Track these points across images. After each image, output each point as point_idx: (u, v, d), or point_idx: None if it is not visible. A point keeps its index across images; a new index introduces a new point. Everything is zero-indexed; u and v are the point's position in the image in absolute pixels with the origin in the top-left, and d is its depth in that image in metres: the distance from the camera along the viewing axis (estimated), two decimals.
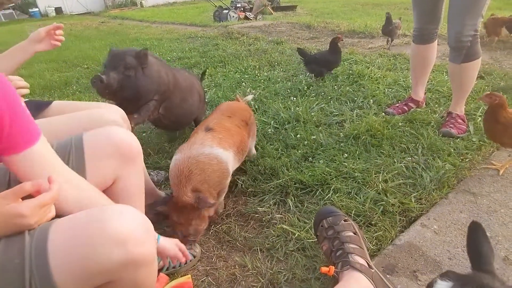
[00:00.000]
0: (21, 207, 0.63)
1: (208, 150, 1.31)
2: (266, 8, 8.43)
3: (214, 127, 1.41)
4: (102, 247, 0.63)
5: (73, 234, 0.65)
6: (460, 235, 1.23)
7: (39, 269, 0.61)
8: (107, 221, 0.65)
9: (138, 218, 0.70)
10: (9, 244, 0.64)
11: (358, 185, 1.50)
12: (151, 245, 0.70)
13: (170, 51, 4.59)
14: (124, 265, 0.65)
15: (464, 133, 1.83)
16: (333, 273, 0.95)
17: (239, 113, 1.61)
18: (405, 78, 2.69)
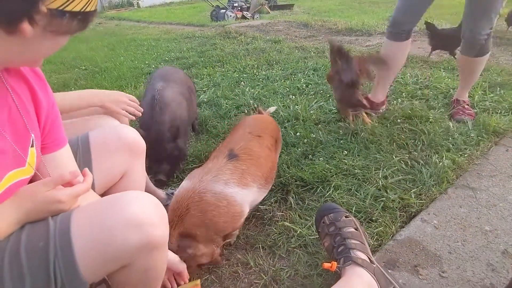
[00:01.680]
0: (60, 194, 0.69)
1: (219, 187, 1.12)
2: (263, 7, 8.43)
3: (240, 154, 1.22)
4: (121, 230, 0.66)
5: (94, 218, 0.68)
6: (459, 230, 1.24)
7: (63, 251, 0.64)
8: (125, 205, 0.69)
9: (153, 202, 0.73)
10: (34, 229, 0.67)
11: (358, 181, 1.51)
12: (165, 228, 0.73)
13: (168, 52, 4.59)
14: (140, 248, 0.68)
15: (473, 118, 1.93)
16: (335, 269, 0.96)
17: (269, 130, 1.44)
18: (403, 75, 2.70)
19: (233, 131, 1.46)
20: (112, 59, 4.50)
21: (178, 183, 1.71)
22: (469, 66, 1.93)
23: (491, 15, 1.71)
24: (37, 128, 0.75)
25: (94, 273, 0.67)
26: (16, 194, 0.68)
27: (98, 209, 0.70)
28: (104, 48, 5.41)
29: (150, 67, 3.89)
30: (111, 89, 3.27)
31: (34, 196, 0.68)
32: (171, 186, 1.69)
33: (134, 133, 1.06)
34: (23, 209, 0.67)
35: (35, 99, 0.75)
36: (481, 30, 1.75)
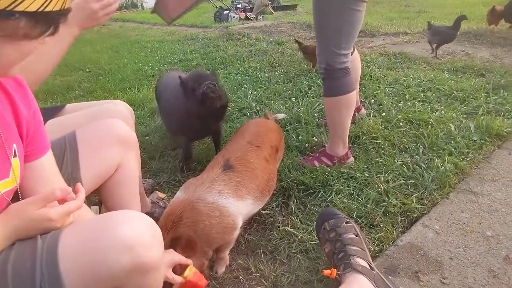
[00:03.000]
0: (51, 213, 0.67)
1: (213, 198, 1.11)
2: (266, 8, 8.43)
3: (235, 165, 1.21)
4: (111, 252, 0.64)
5: (83, 239, 0.67)
6: (461, 235, 1.24)
7: (49, 272, 0.63)
8: (116, 226, 0.67)
9: (146, 222, 0.71)
10: (23, 248, 0.66)
11: (359, 186, 1.51)
12: (158, 250, 0.71)
13: (172, 53, 4.62)
14: (132, 270, 0.66)
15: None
16: (335, 276, 0.97)
17: (269, 139, 1.41)
18: (406, 77, 2.69)
19: (233, 138, 1.45)
20: (116, 61, 4.53)
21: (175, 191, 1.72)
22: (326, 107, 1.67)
23: (327, 46, 1.48)
24: (18, 138, 0.73)
25: None
26: (6, 211, 0.68)
27: (88, 230, 0.69)
28: (108, 50, 5.45)
29: (154, 69, 3.92)
30: (115, 92, 3.32)
31: (23, 213, 0.66)
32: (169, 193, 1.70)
33: (125, 127, 1.09)
34: (11, 226, 0.66)
35: (15, 110, 0.73)
36: (318, 62, 1.58)
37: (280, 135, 1.55)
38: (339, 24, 1.43)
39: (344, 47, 1.48)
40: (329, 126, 1.69)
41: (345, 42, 1.47)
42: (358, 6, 1.42)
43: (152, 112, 2.64)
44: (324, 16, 1.47)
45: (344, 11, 1.41)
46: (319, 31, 1.52)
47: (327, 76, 1.55)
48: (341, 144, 1.65)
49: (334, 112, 1.61)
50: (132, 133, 1.11)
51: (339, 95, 1.55)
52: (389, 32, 4.52)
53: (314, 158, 1.72)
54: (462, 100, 2.25)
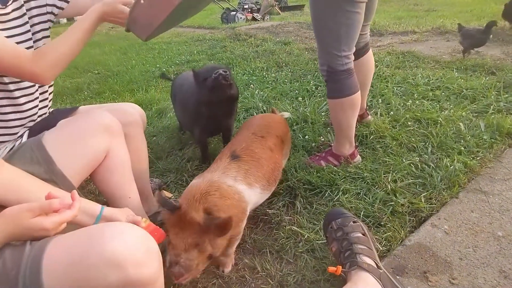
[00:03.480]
0: (46, 223, 0.67)
1: (231, 181, 1.14)
2: (273, 8, 8.43)
3: (241, 155, 1.24)
4: (98, 269, 0.61)
5: (70, 251, 0.65)
6: (471, 235, 1.22)
7: (32, 284, 0.62)
8: (105, 242, 0.63)
9: (138, 237, 0.68)
10: (11, 254, 0.66)
11: (367, 185, 1.50)
12: (153, 266, 0.68)
13: (179, 55, 4.65)
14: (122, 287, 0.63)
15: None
16: (340, 273, 0.96)
17: (274, 129, 1.44)
18: (414, 76, 2.66)
19: (238, 132, 1.47)
20: (124, 63, 4.58)
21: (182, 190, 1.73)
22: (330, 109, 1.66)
23: (327, 49, 1.48)
24: None
25: None
26: (0, 214, 0.67)
27: (75, 243, 0.66)
28: (117, 52, 5.51)
29: (161, 70, 3.95)
30: (123, 93, 3.35)
31: (18, 220, 0.66)
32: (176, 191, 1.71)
33: (108, 115, 1.12)
34: (5, 232, 0.66)
35: None
36: (319, 64, 1.58)
37: (286, 127, 1.56)
38: (336, 27, 1.41)
39: (344, 49, 1.45)
40: (334, 127, 1.68)
41: (345, 44, 1.45)
42: (355, 8, 1.39)
43: (160, 112, 2.66)
44: (321, 20, 1.45)
45: (341, 14, 1.38)
46: (318, 34, 1.50)
47: (329, 78, 1.53)
48: (347, 144, 1.64)
49: (339, 113, 1.58)
50: (116, 122, 1.14)
51: (343, 97, 1.52)
52: (397, 31, 4.47)
53: (320, 158, 1.71)
54: (472, 99, 2.21)
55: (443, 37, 3.98)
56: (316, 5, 1.45)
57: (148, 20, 1.07)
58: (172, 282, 1.17)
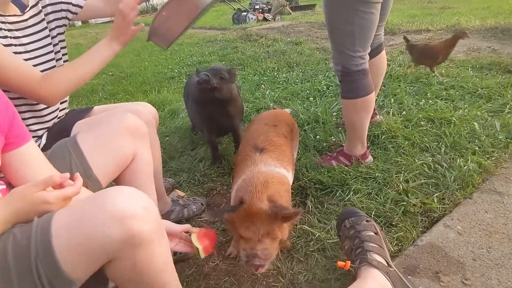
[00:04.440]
0: (48, 195, 0.71)
1: (277, 169, 1.17)
2: (284, 8, 8.42)
3: (265, 146, 1.26)
4: (102, 224, 0.65)
5: (75, 213, 0.69)
6: (485, 236, 1.20)
7: (43, 247, 0.65)
8: (108, 199, 0.68)
9: (139, 195, 0.71)
10: (21, 229, 0.70)
11: (378, 185, 1.49)
12: (151, 223, 0.70)
13: (190, 56, 4.70)
14: (123, 242, 0.66)
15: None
16: (348, 268, 0.97)
17: (283, 118, 1.50)
18: (427, 75, 2.63)
19: (249, 127, 1.50)
20: (137, 65, 4.67)
21: (194, 189, 1.76)
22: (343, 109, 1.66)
23: (340, 49, 1.46)
24: None
25: (78, 269, 0.66)
26: (9, 194, 0.71)
27: (80, 205, 0.70)
28: (130, 54, 5.61)
29: (173, 71, 4.00)
30: (137, 94, 3.41)
31: (24, 196, 0.70)
32: (189, 191, 1.74)
33: (136, 119, 1.14)
34: (12, 208, 0.69)
35: None
36: (333, 64, 1.56)
37: (292, 119, 1.60)
38: (350, 28, 1.39)
39: (359, 50, 1.44)
40: (346, 127, 1.67)
41: (359, 45, 1.43)
42: (369, 8, 1.37)
43: (172, 113, 2.70)
44: (335, 21, 1.44)
45: (355, 15, 1.36)
46: (331, 35, 1.49)
47: (343, 79, 1.52)
48: (359, 144, 1.63)
49: (352, 114, 1.57)
50: (142, 124, 1.16)
51: (357, 98, 1.51)
52: (410, 29, 4.41)
53: (332, 158, 1.71)
54: (487, 98, 2.17)
55: None
56: (329, 6, 1.44)
57: (168, 30, 1.12)
58: (186, 273, 1.21)
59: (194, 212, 1.52)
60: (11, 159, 0.82)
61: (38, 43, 1.20)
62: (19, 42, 1.14)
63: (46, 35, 1.22)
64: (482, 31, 3.89)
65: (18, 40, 1.14)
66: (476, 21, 4.27)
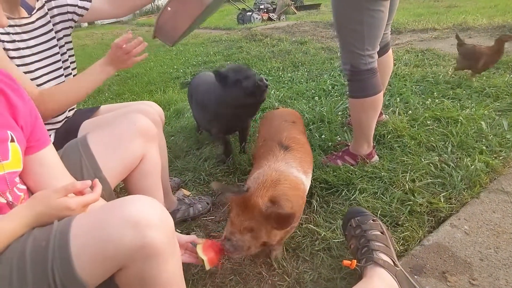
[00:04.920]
0: (70, 202, 0.73)
1: (296, 173, 1.14)
2: (289, 8, 8.41)
3: (290, 144, 1.24)
4: (117, 229, 0.66)
5: (93, 218, 0.71)
6: (492, 236, 1.19)
7: (60, 249, 0.66)
8: (126, 206, 0.69)
9: (156, 206, 0.72)
10: (41, 231, 0.71)
11: (384, 185, 1.49)
12: (165, 234, 0.70)
13: (196, 56, 4.72)
14: (136, 250, 0.66)
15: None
16: (354, 267, 0.96)
17: (298, 116, 1.50)
18: (433, 74, 2.61)
19: (265, 125, 1.47)
20: (142, 65, 4.69)
21: (200, 189, 1.76)
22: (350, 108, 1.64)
23: (349, 48, 1.44)
24: (16, 127, 0.79)
25: (90, 273, 0.67)
26: (31, 198, 0.73)
27: (99, 211, 0.72)
28: None
29: (178, 71, 4.02)
30: (142, 94, 3.43)
31: (46, 201, 0.72)
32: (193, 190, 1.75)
33: (146, 120, 1.15)
34: (34, 212, 0.71)
35: (8, 101, 0.79)
36: (342, 63, 1.54)
37: (300, 115, 1.61)
38: (359, 27, 1.37)
39: (368, 48, 1.42)
40: (353, 126, 1.66)
41: (368, 44, 1.41)
42: (378, 6, 1.35)
43: (177, 113, 2.71)
44: (343, 19, 1.43)
45: (363, 13, 1.35)
46: (340, 33, 1.48)
47: (352, 78, 1.51)
48: (365, 144, 1.63)
49: (360, 113, 1.56)
50: (153, 126, 1.16)
51: (365, 97, 1.50)
52: (416, 28, 4.38)
53: (337, 157, 1.70)
54: (495, 97, 2.15)
55: (464, 33, 3.88)
56: (338, 5, 1.43)
57: (174, 28, 1.12)
58: (192, 271, 1.21)
59: (200, 211, 1.52)
60: (30, 162, 0.84)
61: (44, 45, 1.21)
62: (26, 45, 1.16)
63: (52, 37, 1.24)
64: (489, 29, 3.85)
65: (25, 43, 1.16)
66: (483, 20, 4.23)
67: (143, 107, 1.37)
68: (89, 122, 1.27)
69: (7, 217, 0.70)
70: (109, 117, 1.26)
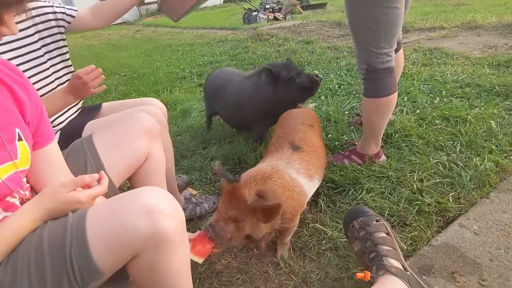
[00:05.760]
0: (80, 195, 0.74)
1: (294, 174, 1.14)
2: (295, 7, 8.39)
3: (301, 146, 1.24)
4: (131, 215, 0.68)
5: (109, 207, 0.72)
6: (502, 236, 1.17)
7: (78, 237, 0.68)
8: (140, 195, 0.72)
9: (168, 196, 0.74)
10: (56, 222, 0.73)
11: (391, 184, 1.47)
12: (177, 223, 0.72)
13: (202, 56, 4.73)
14: (149, 237, 0.68)
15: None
16: (369, 279, 0.95)
17: (318, 120, 1.49)
18: (441, 73, 2.58)
19: (282, 124, 1.47)
20: (149, 65, 4.72)
21: (206, 188, 1.77)
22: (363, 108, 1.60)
23: (365, 46, 1.40)
24: (23, 124, 0.79)
25: (106, 260, 0.68)
26: (39, 194, 0.74)
27: (114, 200, 0.73)
28: (142, 55, 5.68)
29: (185, 71, 4.04)
30: (149, 94, 3.45)
31: (56, 196, 0.73)
32: (199, 190, 1.75)
33: (151, 120, 1.16)
34: (45, 207, 0.73)
35: (15, 97, 0.79)
36: (358, 63, 1.51)
37: (319, 118, 1.61)
38: (374, 25, 1.33)
39: (384, 46, 1.38)
40: (364, 126, 1.62)
41: (385, 42, 1.37)
42: (392, 3, 1.30)
43: (184, 112, 2.72)
44: (357, 18, 1.38)
45: (379, 12, 1.31)
46: (355, 33, 1.44)
47: (368, 77, 1.47)
48: (373, 144, 1.61)
49: (374, 114, 1.52)
50: (157, 125, 1.18)
51: (381, 97, 1.46)
52: (424, 27, 4.34)
53: (344, 157, 1.69)
54: (505, 96, 2.12)
55: (473, 32, 3.83)
56: (351, 3, 1.39)
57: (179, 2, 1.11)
58: (199, 270, 1.22)
59: (207, 210, 1.53)
60: (35, 158, 0.85)
61: (29, 46, 1.24)
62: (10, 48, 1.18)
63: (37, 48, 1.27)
64: (499, 27, 3.80)
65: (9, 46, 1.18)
66: (492, 18, 4.17)
67: (148, 108, 1.38)
68: (94, 123, 1.28)
69: (17, 214, 0.71)
70: (114, 117, 1.27)
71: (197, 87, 3.41)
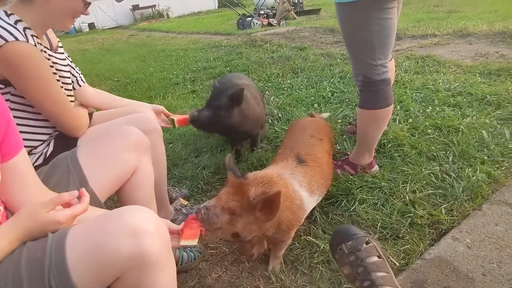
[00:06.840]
0: (59, 215, 0.71)
1: (297, 186, 1.14)
2: (289, 13, 8.43)
3: (307, 160, 1.23)
4: (114, 235, 0.65)
5: (90, 227, 0.70)
6: (495, 250, 1.16)
7: (57, 258, 0.65)
8: (123, 214, 0.69)
9: (152, 215, 0.72)
10: (35, 243, 0.70)
11: (384, 195, 1.46)
12: (161, 243, 0.70)
13: (195, 61, 4.71)
14: (132, 258, 0.66)
15: None
16: None
17: (327, 132, 1.46)
18: (434, 81, 2.60)
19: (291, 134, 1.45)
20: (142, 70, 4.69)
21: (198, 198, 1.74)
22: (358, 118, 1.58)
23: (360, 58, 1.40)
24: None
25: (88, 282, 0.66)
26: (16, 215, 0.71)
27: (96, 220, 0.71)
28: (136, 60, 5.64)
29: (178, 77, 4.01)
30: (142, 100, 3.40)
31: (34, 216, 0.70)
32: (190, 201, 1.72)
33: (139, 133, 1.14)
34: (23, 227, 0.70)
35: None
36: (354, 74, 1.49)
37: (332, 131, 1.57)
38: (369, 36, 1.33)
39: (380, 58, 1.37)
40: (358, 136, 1.61)
41: (380, 53, 1.37)
42: (386, 14, 1.30)
43: None
44: (352, 30, 1.38)
45: (372, 23, 1.30)
46: (349, 45, 1.43)
47: (364, 88, 1.45)
48: (366, 154, 1.60)
49: (369, 125, 1.51)
50: (145, 138, 1.15)
51: (377, 108, 1.45)
52: (416, 34, 4.38)
53: (336, 166, 1.68)
54: (496, 105, 2.13)
55: (465, 40, 3.87)
56: (344, 16, 1.38)
57: None
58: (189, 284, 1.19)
59: None
60: (3, 171, 0.79)
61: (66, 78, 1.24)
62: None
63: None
64: (490, 35, 3.85)
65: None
66: (483, 26, 4.23)
67: (141, 115, 1.34)
68: (86, 135, 1.25)
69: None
70: (102, 130, 1.24)
71: (190, 94, 3.39)
